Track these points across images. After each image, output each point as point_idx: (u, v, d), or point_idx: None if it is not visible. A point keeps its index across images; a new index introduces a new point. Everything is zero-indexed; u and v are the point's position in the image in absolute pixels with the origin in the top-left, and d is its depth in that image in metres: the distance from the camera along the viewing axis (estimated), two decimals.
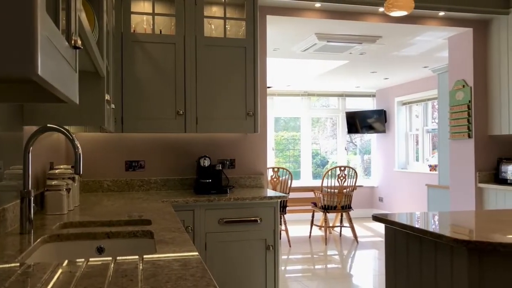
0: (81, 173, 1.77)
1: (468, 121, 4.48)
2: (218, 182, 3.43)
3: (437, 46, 5.25)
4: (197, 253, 1.37)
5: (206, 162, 3.42)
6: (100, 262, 1.25)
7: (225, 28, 3.49)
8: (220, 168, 3.48)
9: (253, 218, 3.09)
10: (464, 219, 2.31)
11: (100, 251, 1.71)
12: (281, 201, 5.76)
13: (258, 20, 3.51)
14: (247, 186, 3.74)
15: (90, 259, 1.29)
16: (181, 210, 2.94)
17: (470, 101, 4.48)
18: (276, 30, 4.43)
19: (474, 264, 1.75)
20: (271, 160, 8.50)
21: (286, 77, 7.44)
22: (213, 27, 3.60)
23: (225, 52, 3.40)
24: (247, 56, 3.43)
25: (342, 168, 6.36)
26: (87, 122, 2.28)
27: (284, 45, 5.17)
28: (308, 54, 5.55)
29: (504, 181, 4.28)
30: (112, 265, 1.22)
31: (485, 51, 4.49)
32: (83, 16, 1.43)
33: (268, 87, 6.87)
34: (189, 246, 1.48)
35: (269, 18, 3.96)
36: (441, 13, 4.20)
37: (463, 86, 4.55)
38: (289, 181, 6.30)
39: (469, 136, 4.48)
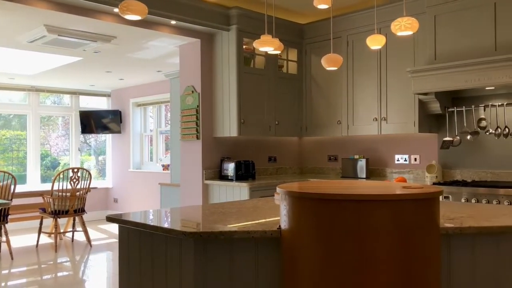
0: None
1: (197, 124, 4.91)
2: None
3: (169, 52, 5.56)
4: None
5: None
6: None
7: None
8: None
9: None
10: (192, 213, 2.53)
11: None
12: (1, 209, 5.14)
13: None
14: None
15: None
16: None
17: (198, 106, 4.91)
18: None
19: (200, 252, 1.94)
20: None
21: (9, 69, 6.62)
22: None
23: None
24: None
25: (75, 170, 6.05)
26: None
27: (7, 33, 4.61)
28: (37, 47, 5.08)
29: (225, 177, 4.86)
30: None
31: (211, 61, 5.00)
32: None
33: None
34: None
35: None
36: (173, 22, 4.47)
37: (192, 91, 4.96)
38: (12, 186, 5.63)
39: (198, 138, 4.91)
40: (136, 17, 2.33)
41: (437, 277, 1.87)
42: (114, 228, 7.36)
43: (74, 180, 6.00)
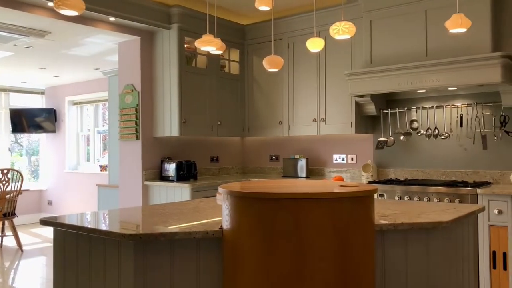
0: None
1: (136, 123, 4.80)
2: None
3: (108, 49, 5.40)
4: None
5: None
6: None
7: None
8: None
9: None
10: (132, 214, 2.48)
11: None
12: None
13: None
14: None
15: None
16: None
17: (138, 105, 4.80)
18: None
19: (140, 254, 1.91)
20: None
21: None
22: None
23: None
24: None
25: (5, 171, 5.73)
26: None
27: None
28: None
29: (166, 178, 4.79)
30: None
31: (151, 59, 4.91)
32: None
33: None
34: None
35: None
36: (112, 19, 4.35)
37: (132, 90, 4.84)
38: None
39: (137, 138, 4.80)
40: (73, 13, 2.25)
41: (372, 271, 1.95)
42: (48, 231, 7.04)
43: (4, 182, 5.68)
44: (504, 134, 4.03)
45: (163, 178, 4.84)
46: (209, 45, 2.89)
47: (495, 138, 4.06)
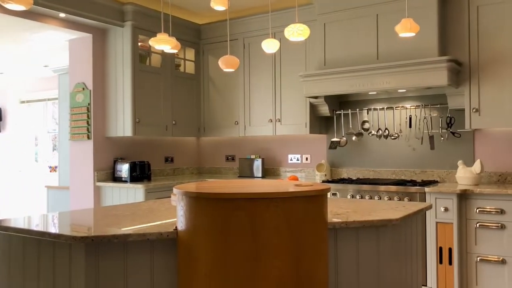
0: None
1: (88, 123, 4.67)
2: None
3: (58, 46, 5.22)
4: None
5: None
6: None
7: None
8: None
9: None
10: (83, 217, 2.41)
11: None
12: None
13: None
14: None
15: None
16: None
17: (89, 104, 4.67)
18: None
19: (91, 257, 1.86)
20: None
21: None
22: None
23: None
24: None
25: None
26: None
27: None
28: None
29: (119, 179, 4.69)
30: None
31: (104, 57, 4.79)
32: None
33: None
34: None
35: None
36: (62, 15, 4.21)
37: (83, 88, 4.70)
38: None
39: (89, 138, 4.67)
40: (20, 7, 2.16)
41: (325, 268, 1.99)
42: None
43: None
44: (450, 135, 4.22)
45: (116, 179, 4.73)
46: (164, 44, 2.85)
47: (442, 138, 4.25)
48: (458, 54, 3.93)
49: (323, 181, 4.47)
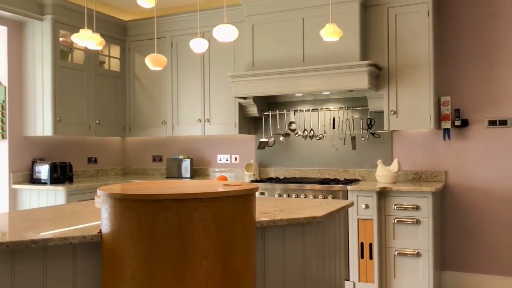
0: None
1: (2, 121, 4.37)
2: None
3: None
4: None
5: None
6: None
7: None
8: None
9: None
10: None
11: None
12: None
13: None
14: None
15: None
16: None
17: (4, 101, 4.37)
18: None
19: (7, 265, 1.75)
20: None
21: None
22: None
23: None
24: None
25: None
26: None
27: None
28: None
29: (38, 181, 4.43)
30: None
31: (20, 52, 4.51)
32: None
33: None
34: None
35: None
36: None
37: None
38: None
39: (3, 137, 4.37)
40: None
41: (253, 265, 2.02)
42: None
43: None
44: (370, 136, 4.44)
45: (35, 181, 4.47)
46: (87, 40, 2.74)
47: (363, 139, 4.46)
48: (378, 58, 4.15)
49: (252, 181, 4.52)
